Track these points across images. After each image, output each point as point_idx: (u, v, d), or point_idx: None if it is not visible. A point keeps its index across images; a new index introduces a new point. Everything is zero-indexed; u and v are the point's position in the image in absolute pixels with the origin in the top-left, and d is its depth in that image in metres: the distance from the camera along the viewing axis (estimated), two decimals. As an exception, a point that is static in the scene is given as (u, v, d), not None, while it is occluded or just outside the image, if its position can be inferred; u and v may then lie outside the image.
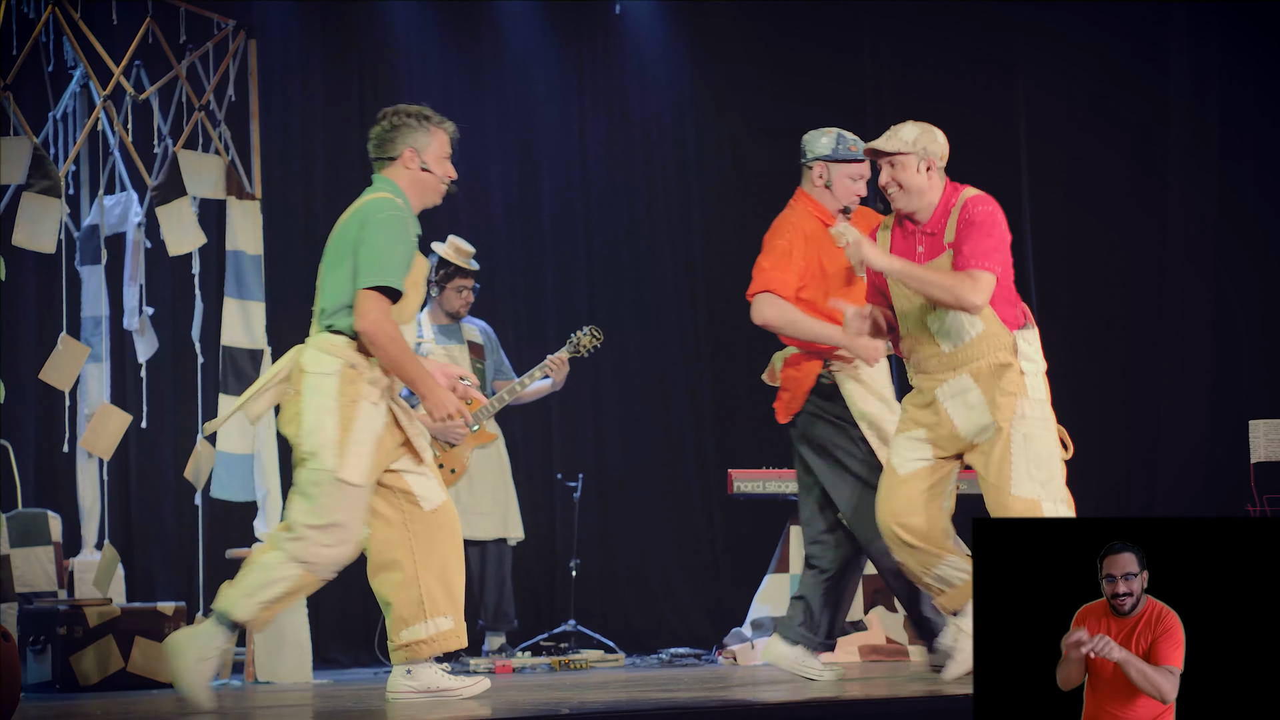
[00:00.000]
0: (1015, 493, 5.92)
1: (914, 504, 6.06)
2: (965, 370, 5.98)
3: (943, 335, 5.97)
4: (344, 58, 10.04)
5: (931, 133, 6.03)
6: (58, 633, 7.53)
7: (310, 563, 5.60)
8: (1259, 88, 10.31)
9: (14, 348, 8.73)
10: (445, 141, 5.83)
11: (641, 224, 10.68)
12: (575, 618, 9.37)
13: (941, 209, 5.99)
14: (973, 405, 5.98)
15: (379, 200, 5.68)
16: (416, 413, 5.86)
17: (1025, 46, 10.70)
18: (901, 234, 6.09)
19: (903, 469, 6.11)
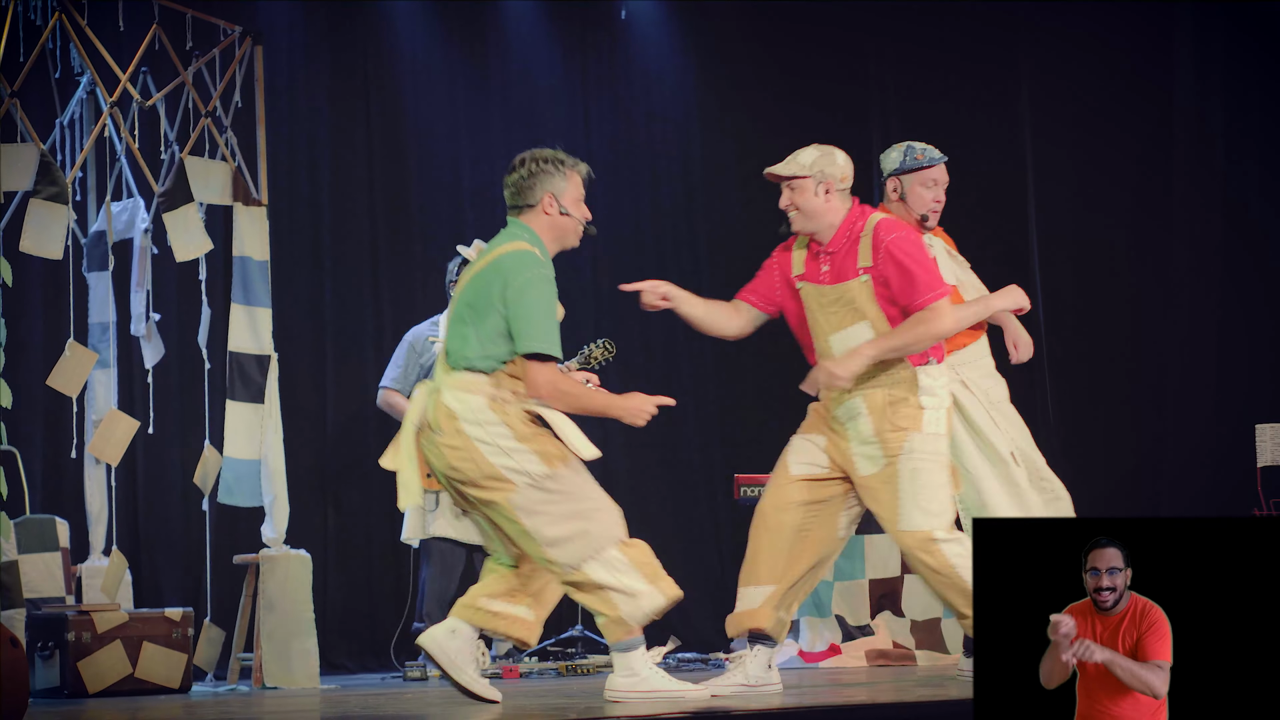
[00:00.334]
0: (903, 527, 6.00)
1: (789, 504, 6.10)
2: (860, 394, 6.03)
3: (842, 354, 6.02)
4: (350, 63, 10.05)
5: (831, 155, 6.08)
6: (66, 638, 7.54)
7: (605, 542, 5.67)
8: (1263, 91, 10.31)
9: (21, 354, 8.74)
10: (579, 183, 5.88)
11: (647, 226, 10.68)
12: (582, 623, 9.37)
13: (845, 231, 6.05)
14: (864, 437, 6.04)
15: (522, 255, 5.72)
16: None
17: (1030, 46, 10.70)
18: (810, 254, 6.14)
19: (794, 469, 6.16)
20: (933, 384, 6.07)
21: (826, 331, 6.05)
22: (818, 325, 6.08)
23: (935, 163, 6.52)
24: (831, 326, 6.04)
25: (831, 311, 6.05)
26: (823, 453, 6.13)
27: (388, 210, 10.10)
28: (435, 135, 10.25)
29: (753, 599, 6.11)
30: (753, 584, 6.12)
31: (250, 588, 8.24)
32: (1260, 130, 10.30)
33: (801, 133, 10.43)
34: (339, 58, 10.03)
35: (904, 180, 6.54)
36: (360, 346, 9.80)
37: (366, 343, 9.81)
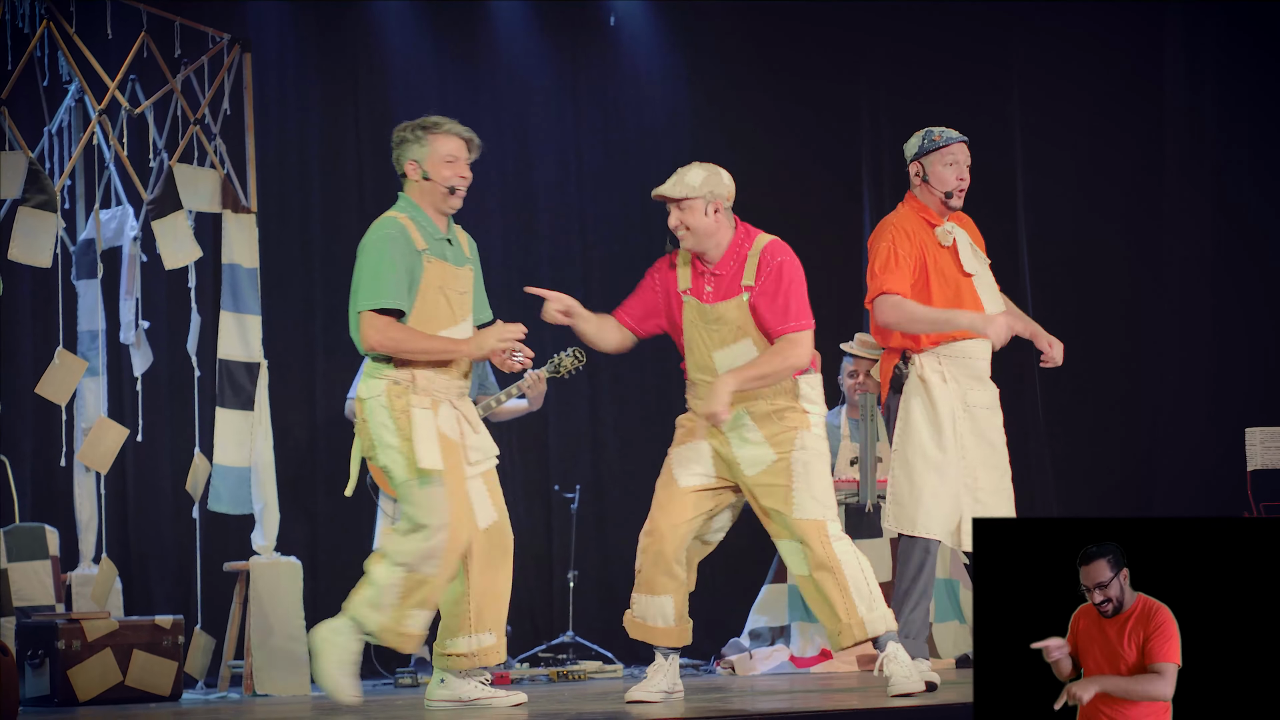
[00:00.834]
0: (798, 515, 6.09)
1: (684, 520, 6.16)
2: (742, 406, 6.11)
3: (726, 369, 6.10)
4: (339, 69, 10.05)
5: (718, 175, 6.17)
6: (56, 646, 7.53)
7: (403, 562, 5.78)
8: (1256, 89, 10.31)
9: (10, 362, 8.73)
10: (446, 146, 5.96)
11: (637, 228, 10.67)
12: (573, 629, 9.37)
13: (733, 251, 6.15)
14: (751, 441, 6.13)
15: (377, 221, 5.95)
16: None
17: (1022, 46, 10.70)
18: (695, 273, 6.22)
19: (683, 481, 6.20)
20: (812, 392, 6.22)
21: (710, 348, 6.15)
22: (701, 341, 6.17)
23: (953, 141, 6.59)
24: (715, 343, 6.14)
25: (715, 329, 6.14)
26: (709, 460, 6.20)
27: (377, 213, 10.01)
28: (425, 141, 10.23)
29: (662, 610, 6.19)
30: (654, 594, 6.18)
31: (240, 595, 8.22)
32: (1254, 129, 10.30)
33: (791, 131, 10.51)
34: (328, 64, 10.03)
35: (925, 162, 6.58)
36: (350, 354, 9.75)
37: (356, 350, 9.78)
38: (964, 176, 6.59)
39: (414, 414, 5.77)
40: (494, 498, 6.00)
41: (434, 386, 5.86)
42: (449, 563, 5.79)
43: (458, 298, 5.93)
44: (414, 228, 5.89)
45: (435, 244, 5.91)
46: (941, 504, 6.41)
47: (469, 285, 6.02)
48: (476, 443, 5.96)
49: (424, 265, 5.83)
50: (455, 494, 5.81)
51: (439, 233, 5.93)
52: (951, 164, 6.55)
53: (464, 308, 5.97)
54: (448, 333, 5.89)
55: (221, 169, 8.34)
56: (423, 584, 5.77)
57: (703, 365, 6.19)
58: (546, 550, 10.15)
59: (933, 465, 6.41)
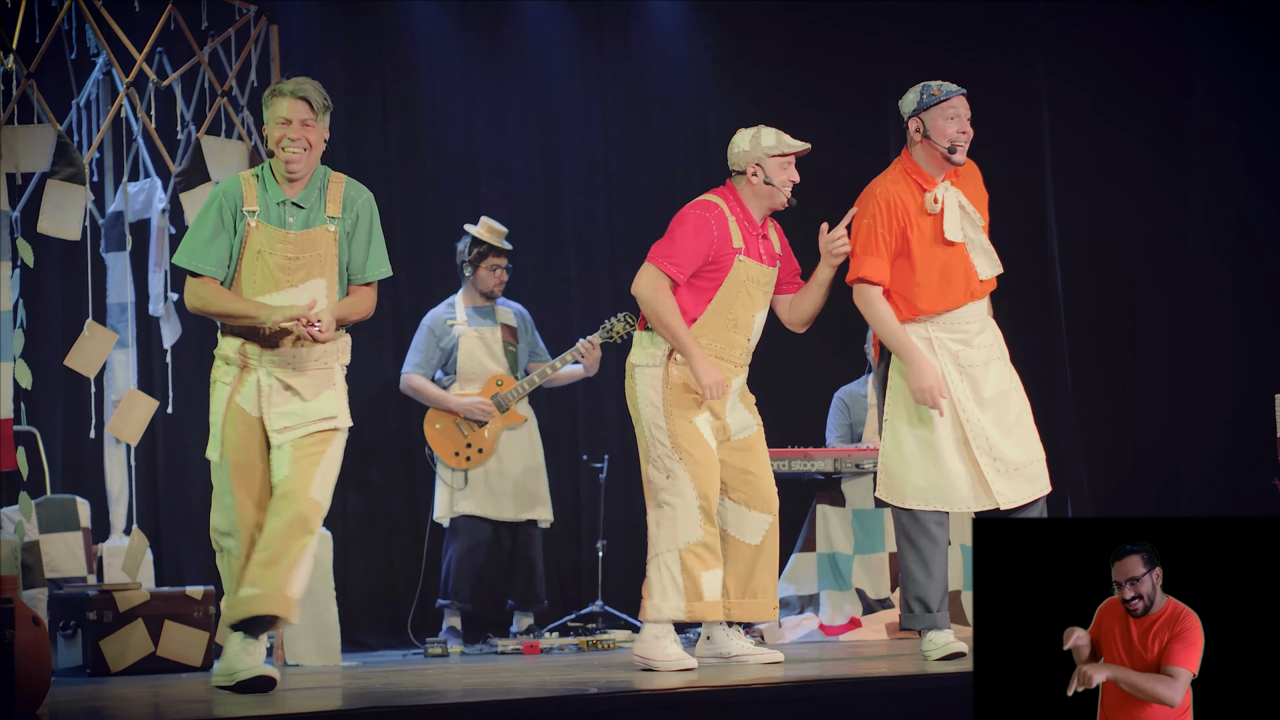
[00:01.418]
0: (768, 490, 6.47)
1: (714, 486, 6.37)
2: (744, 370, 6.48)
3: (757, 330, 6.49)
4: (365, 40, 10.04)
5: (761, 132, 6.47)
6: (88, 618, 7.56)
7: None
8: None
9: (40, 335, 8.76)
10: (274, 109, 5.82)
11: (663, 207, 10.63)
12: (602, 598, 9.38)
13: (766, 221, 6.55)
14: (739, 406, 6.50)
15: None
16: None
17: (1049, 52, 10.66)
18: (746, 233, 6.43)
19: (713, 446, 6.40)
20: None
21: (755, 309, 6.44)
22: (749, 301, 6.39)
23: (953, 94, 6.41)
24: (760, 305, 6.45)
25: (765, 291, 6.46)
26: (709, 428, 6.41)
27: (404, 188, 10.09)
28: (451, 112, 10.23)
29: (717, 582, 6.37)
30: (714, 567, 6.36)
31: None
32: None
33: (818, 114, 10.46)
34: (354, 35, 10.01)
35: (925, 118, 6.38)
36: (379, 328, 9.79)
37: (385, 323, 9.81)
38: (966, 130, 6.38)
39: (215, 390, 5.85)
40: (298, 463, 5.79)
41: (237, 360, 5.84)
42: (241, 538, 5.83)
43: (288, 261, 5.77)
44: (253, 187, 5.80)
45: (271, 208, 5.79)
46: (935, 476, 6.28)
47: (323, 249, 5.82)
48: (286, 411, 5.80)
49: (246, 227, 5.75)
50: (237, 475, 5.82)
51: (280, 195, 5.79)
52: (953, 117, 6.34)
53: (298, 272, 5.79)
54: (270, 297, 5.75)
55: (249, 140, 8.34)
56: (231, 559, 5.89)
57: (742, 324, 6.37)
58: (575, 520, 10.16)
59: (920, 437, 6.29)
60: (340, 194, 5.83)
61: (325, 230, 5.79)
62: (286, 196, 5.77)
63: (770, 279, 6.43)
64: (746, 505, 6.42)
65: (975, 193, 6.50)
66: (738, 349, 6.40)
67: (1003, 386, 6.37)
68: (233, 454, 5.80)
